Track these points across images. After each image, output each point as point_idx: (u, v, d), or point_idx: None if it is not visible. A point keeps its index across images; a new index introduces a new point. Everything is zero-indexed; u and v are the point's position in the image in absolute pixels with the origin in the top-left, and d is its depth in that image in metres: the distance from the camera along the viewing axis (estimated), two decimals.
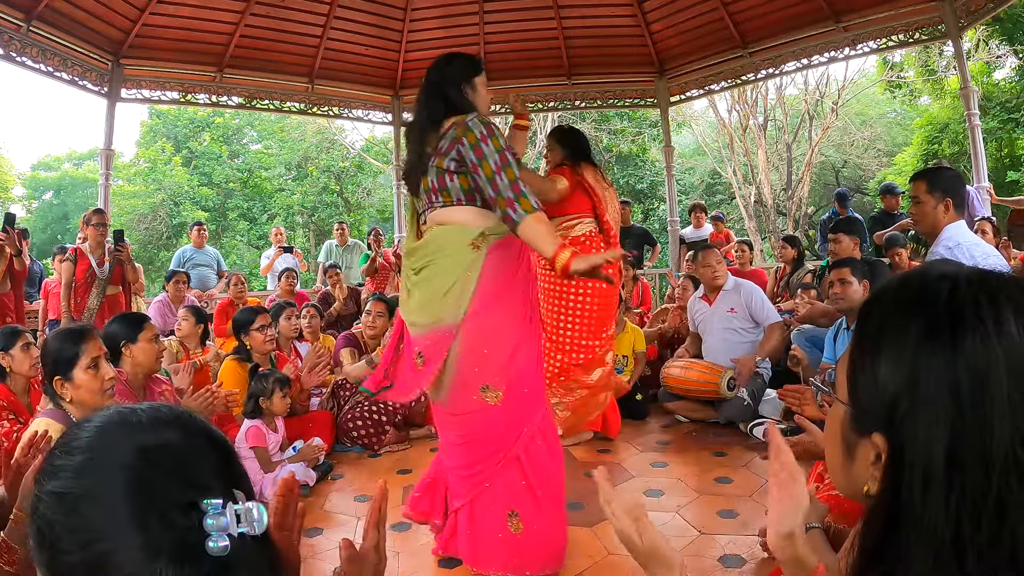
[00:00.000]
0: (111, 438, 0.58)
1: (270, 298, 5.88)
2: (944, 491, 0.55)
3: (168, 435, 0.59)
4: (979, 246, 2.45)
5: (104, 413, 0.62)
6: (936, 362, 0.58)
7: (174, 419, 0.62)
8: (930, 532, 0.56)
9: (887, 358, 0.61)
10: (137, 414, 0.61)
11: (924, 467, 0.57)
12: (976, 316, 0.58)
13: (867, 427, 0.63)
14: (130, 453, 0.57)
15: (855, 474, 0.66)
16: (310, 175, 19.30)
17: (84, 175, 22.65)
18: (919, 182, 2.59)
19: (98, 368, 2.03)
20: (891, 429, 0.60)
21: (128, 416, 0.61)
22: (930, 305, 0.60)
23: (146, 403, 0.64)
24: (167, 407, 0.64)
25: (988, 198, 5.69)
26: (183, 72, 6.53)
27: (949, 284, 0.61)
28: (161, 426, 0.60)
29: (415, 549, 2.40)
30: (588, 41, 7.01)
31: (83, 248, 4.74)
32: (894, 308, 0.63)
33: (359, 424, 3.70)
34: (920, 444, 0.57)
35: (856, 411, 0.65)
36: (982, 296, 0.59)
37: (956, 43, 5.84)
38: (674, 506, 2.63)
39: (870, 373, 0.63)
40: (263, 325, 3.67)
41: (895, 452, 0.60)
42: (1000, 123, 12.72)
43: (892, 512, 0.59)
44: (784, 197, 16.59)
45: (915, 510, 0.57)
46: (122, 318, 2.79)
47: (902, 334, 0.61)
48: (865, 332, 0.66)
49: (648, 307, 5.90)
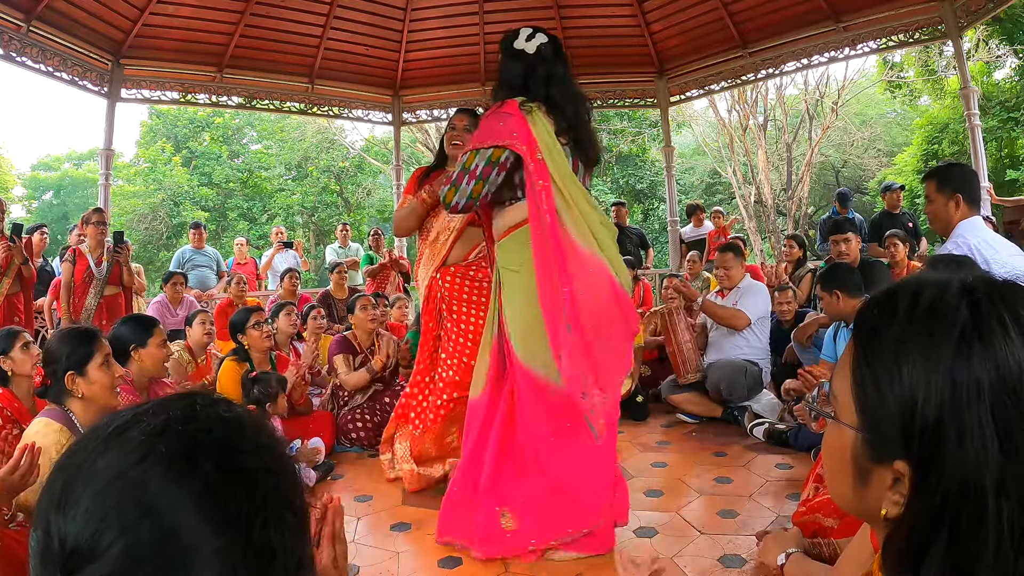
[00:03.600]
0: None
1: (271, 299, 5.87)
2: (995, 520, 0.53)
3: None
4: (989, 246, 2.34)
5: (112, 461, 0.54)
6: (974, 381, 0.54)
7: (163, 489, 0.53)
8: (975, 561, 0.54)
9: (913, 379, 0.57)
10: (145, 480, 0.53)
11: (969, 492, 0.54)
12: (1003, 330, 0.55)
13: (888, 454, 0.59)
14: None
15: (869, 499, 0.62)
16: (310, 175, 19.32)
17: (84, 175, 22.67)
18: (929, 182, 2.58)
19: (109, 366, 2.09)
20: (922, 453, 0.56)
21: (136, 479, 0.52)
22: (955, 319, 0.57)
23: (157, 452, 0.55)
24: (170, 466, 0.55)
25: (988, 198, 5.69)
26: (183, 72, 6.53)
27: (966, 296, 0.58)
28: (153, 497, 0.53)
29: (415, 549, 2.40)
30: (588, 41, 7.01)
31: (82, 249, 4.75)
32: (908, 324, 0.59)
33: (359, 424, 3.70)
34: (964, 470, 0.54)
35: (874, 438, 0.60)
36: (1003, 308, 0.56)
37: (956, 43, 5.85)
38: (674, 506, 2.63)
39: (890, 397, 0.58)
40: (258, 321, 3.65)
41: (926, 476, 0.56)
42: (1000, 123, 12.72)
43: (926, 535, 0.56)
44: (784, 197, 16.59)
45: (954, 540, 0.54)
46: (132, 321, 2.77)
47: (928, 352, 0.57)
48: (875, 350, 0.60)
49: (649, 307, 5.90)
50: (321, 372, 4.12)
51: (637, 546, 2.29)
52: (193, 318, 3.94)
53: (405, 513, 2.74)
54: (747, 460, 3.17)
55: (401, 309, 5.43)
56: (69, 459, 0.53)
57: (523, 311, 2.16)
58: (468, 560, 2.27)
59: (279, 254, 7.30)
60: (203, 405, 0.57)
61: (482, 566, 2.23)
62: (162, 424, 0.53)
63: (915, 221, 6.07)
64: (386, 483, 3.10)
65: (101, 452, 0.52)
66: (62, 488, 0.51)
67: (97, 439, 0.53)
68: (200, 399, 0.58)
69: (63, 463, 0.53)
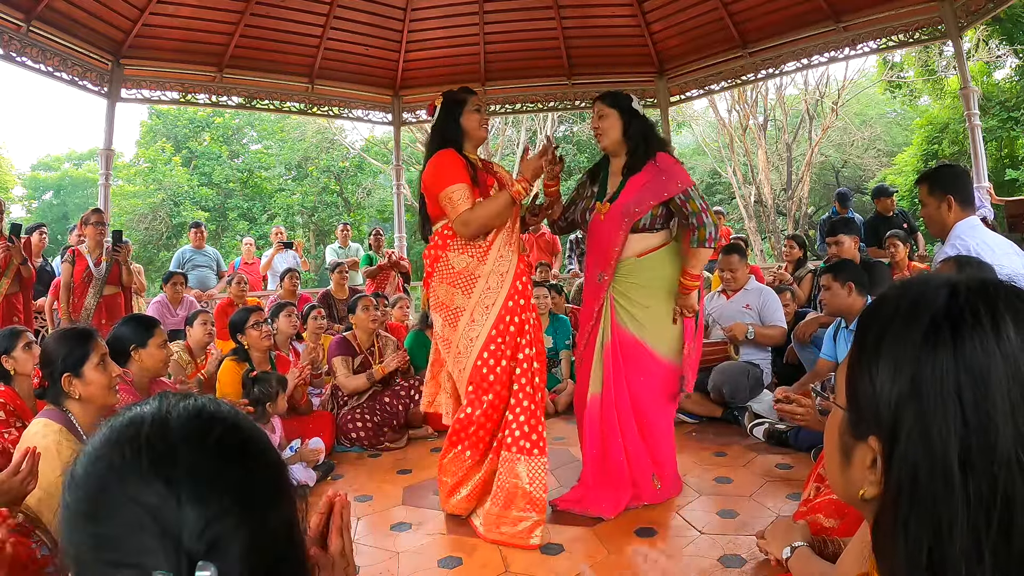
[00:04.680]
0: (103, 482, 0.56)
1: (271, 299, 5.87)
2: (962, 489, 0.57)
3: (153, 487, 0.55)
4: (988, 247, 2.33)
5: (117, 429, 0.59)
6: (939, 366, 0.59)
7: (179, 459, 0.57)
8: (947, 532, 0.57)
9: (886, 363, 0.62)
10: (146, 445, 0.57)
11: (936, 468, 0.58)
12: (975, 321, 0.59)
13: (863, 431, 0.65)
14: (110, 505, 0.55)
15: (851, 478, 0.68)
16: (310, 175, 19.32)
17: (84, 175, 22.66)
18: (921, 186, 2.59)
19: (106, 366, 2.07)
20: (890, 432, 0.61)
21: (135, 447, 0.57)
22: (930, 311, 0.62)
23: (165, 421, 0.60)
24: (185, 433, 0.59)
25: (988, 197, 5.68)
26: (183, 72, 6.53)
27: (947, 291, 0.62)
28: (157, 470, 0.56)
29: (415, 549, 2.40)
30: (588, 41, 7.01)
31: (81, 249, 4.75)
32: (894, 314, 0.64)
33: (359, 425, 3.70)
34: (928, 446, 0.58)
35: (853, 415, 0.66)
36: (980, 302, 0.60)
37: (956, 43, 5.84)
38: (674, 506, 2.63)
39: (869, 378, 0.64)
40: (258, 321, 3.65)
41: (892, 455, 0.61)
42: (1000, 123, 12.72)
43: (900, 508, 0.60)
44: (784, 197, 16.59)
45: (926, 512, 0.58)
46: (133, 321, 2.75)
47: (902, 339, 0.62)
48: (865, 338, 0.67)
49: None
50: (321, 374, 4.12)
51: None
52: (194, 318, 3.94)
53: (405, 513, 2.74)
54: (747, 460, 3.17)
55: (402, 309, 5.43)
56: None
57: (659, 312, 2.67)
58: (468, 560, 2.28)
59: (279, 254, 7.29)
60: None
61: (482, 566, 2.24)
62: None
63: (910, 221, 6.07)
64: (386, 483, 3.10)
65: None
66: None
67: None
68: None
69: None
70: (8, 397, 2.46)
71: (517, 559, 2.26)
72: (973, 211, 2.53)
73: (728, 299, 4.15)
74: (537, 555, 2.28)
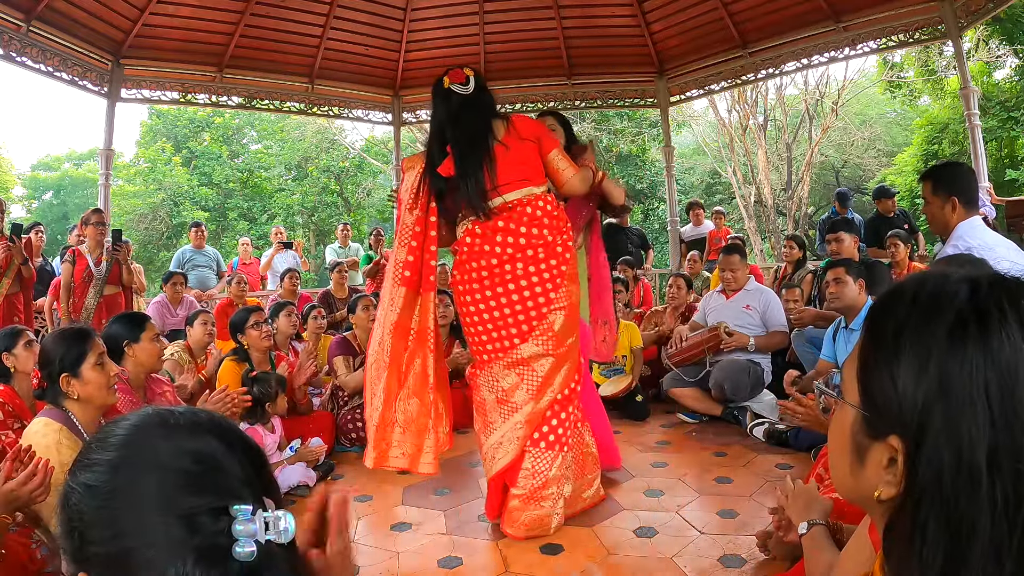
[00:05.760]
0: (148, 437, 0.60)
1: (271, 299, 5.87)
2: (989, 490, 0.55)
3: (205, 439, 0.60)
4: (988, 247, 2.30)
5: (142, 412, 0.63)
6: (968, 363, 0.57)
7: (212, 425, 0.63)
8: (968, 534, 0.56)
9: (909, 361, 0.60)
10: (175, 416, 0.62)
11: (963, 469, 0.56)
12: (1002, 316, 0.58)
13: (882, 431, 0.62)
14: (165, 454, 0.58)
15: (864, 478, 0.65)
16: (310, 175, 19.30)
17: (84, 175, 22.66)
18: (925, 183, 2.55)
19: (104, 365, 2.07)
20: (916, 432, 0.59)
21: (166, 417, 0.62)
22: (953, 306, 0.60)
23: (185, 407, 0.65)
24: (206, 413, 0.65)
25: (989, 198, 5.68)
26: (183, 72, 6.53)
27: (969, 285, 0.60)
28: (198, 430, 0.61)
29: (415, 549, 2.40)
30: (588, 41, 7.00)
31: (81, 249, 4.75)
32: (912, 309, 0.62)
33: (359, 424, 3.69)
34: (957, 447, 0.56)
35: (870, 414, 0.64)
36: (1004, 297, 0.59)
37: (956, 43, 5.84)
38: (674, 506, 2.63)
39: (889, 376, 0.62)
40: (257, 321, 3.65)
41: (917, 455, 0.59)
42: (1000, 123, 12.72)
43: (922, 510, 0.59)
44: (784, 197, 16.59)
45: (948, 514, 0.57)
46: (124, 318, 2.79)
47: (925, 336, 0.60)
48: (880, 334, 0.64)
49: (649, 307, 5.90)
50: (319, 374, 4.11)
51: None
52: (194, 318, 3.93)
53: (405, 513, 2.75)
54: (747, 460, 3.17)
55: None
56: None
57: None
58: (468, 560, 2.29)
59: (279, 254, 7.29)
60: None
61: (482, 566, 2.24)
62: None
63: (911, 221, 6.06)
64: (386, 483, 3.10)
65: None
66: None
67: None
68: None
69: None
70: (7, 397, 2.45)
71: (517, 559, 2.26)
72: (977, 211, 2.51)
73: (728, 299, 4.15)
74: (537, 555, 2.28)
